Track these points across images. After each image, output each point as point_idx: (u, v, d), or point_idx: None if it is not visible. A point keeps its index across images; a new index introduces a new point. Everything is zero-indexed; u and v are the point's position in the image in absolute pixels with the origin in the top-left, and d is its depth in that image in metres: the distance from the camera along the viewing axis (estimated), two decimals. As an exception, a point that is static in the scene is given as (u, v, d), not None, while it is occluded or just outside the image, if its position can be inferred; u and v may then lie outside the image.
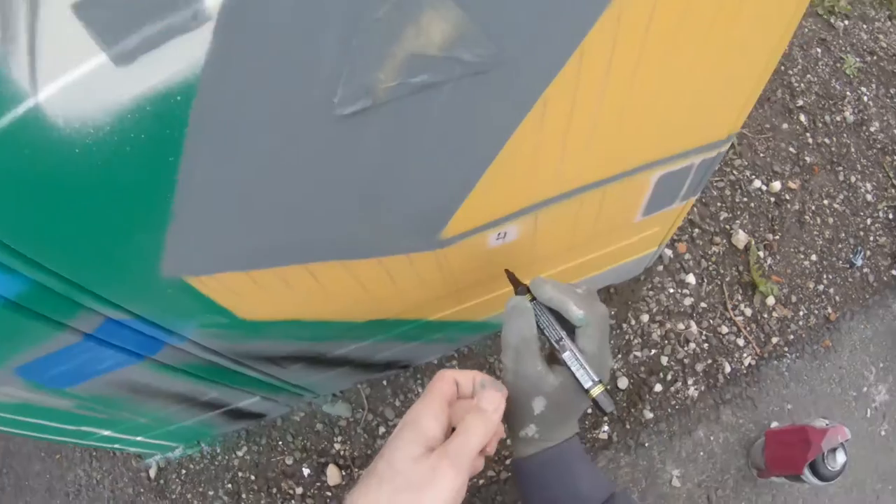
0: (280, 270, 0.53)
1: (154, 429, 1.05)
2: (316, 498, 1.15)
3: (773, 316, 1.22)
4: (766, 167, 1.40)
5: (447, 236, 0.55)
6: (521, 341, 0.47)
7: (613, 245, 0.83)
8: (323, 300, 0.62)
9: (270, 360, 0.82)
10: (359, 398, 1.17)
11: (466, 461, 0.40)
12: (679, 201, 0.81)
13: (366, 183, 0.44)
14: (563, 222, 0.64)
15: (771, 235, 1.31)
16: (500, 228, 0.58)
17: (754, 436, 1.10)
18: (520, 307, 0.49)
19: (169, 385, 0.78)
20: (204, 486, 1.20)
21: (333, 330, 0.73)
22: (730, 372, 1.13)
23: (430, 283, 0.66)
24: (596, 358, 0.47)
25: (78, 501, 1.22)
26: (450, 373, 0.47)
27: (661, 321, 1.14)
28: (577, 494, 0.48)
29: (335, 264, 0.54)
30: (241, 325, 0.64)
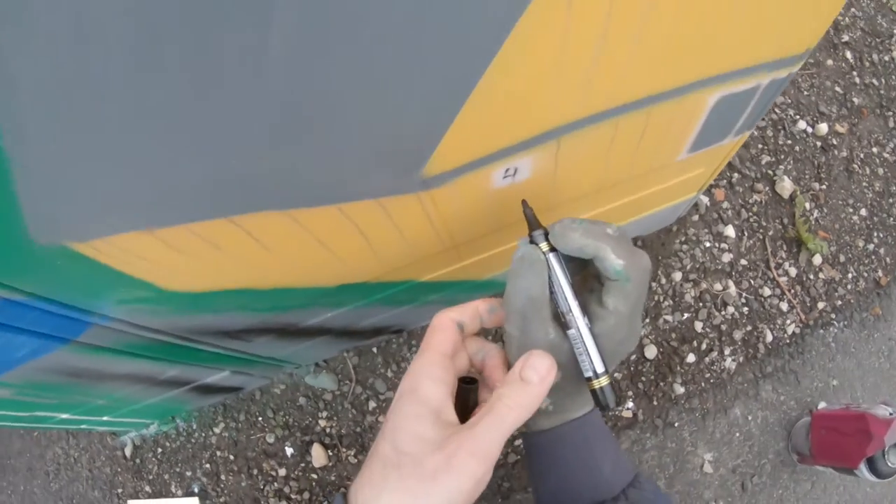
0: (197, 228, 0.38)
1: (116, 409, 0.94)
2: (300, 480, 1.04)
3: (819, 277, 1.07)
4: (812, 107, 1.24)
5: (433, 173, 0.39)
6: (527, 303, 0.38)
7: (649, 189, 0.67)
8: (272, 264, 0.47)
9: (228, 335, 0.68)
10: (345, 368, 1.04)
11: (495, 447, 0.33)
12: (732, 135, 0.65)
13: (301, 85, 0.28)
14: (593, 156, 0.48)
15: (817, 185, 1.15)
16: (508, 163, 0.41)
17: (795, 415, 0.96)
18: (529, 260, 0.38)
19: (114, 367, 0.70)
20: (181, 467, 1.10)
21: (297, 298, 0.58)
22: (771, 341, 0.99)
23: (416, 238, 0.50)
24: (624, 323, 0.39)
25: (58, 481, 1.18)
26: (447, 316, 0.39)
27: (695, 280, 0.99)
28: (597, 477, 0.42)
29: (276, 216, 0.39)
30: (173, 298, 0.50)
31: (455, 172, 0.40)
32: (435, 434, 0.34)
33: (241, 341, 0.72)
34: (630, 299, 0.38)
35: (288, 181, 0.35)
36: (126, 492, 1.14)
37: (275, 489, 1.06)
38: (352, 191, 0.38)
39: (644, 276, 0.38)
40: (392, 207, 0.42)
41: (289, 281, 0.52)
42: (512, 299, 0.38)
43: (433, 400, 0.35)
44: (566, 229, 0.37)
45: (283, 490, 1.06)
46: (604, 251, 0.36)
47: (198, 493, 1.11)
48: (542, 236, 0.39)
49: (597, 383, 0.38)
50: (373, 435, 1.03)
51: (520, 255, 0.38)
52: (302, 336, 0.77)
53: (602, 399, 0.39)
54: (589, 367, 0.38)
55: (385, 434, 0.35)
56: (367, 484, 0.34)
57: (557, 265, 0.38)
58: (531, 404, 0.35)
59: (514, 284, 0.38)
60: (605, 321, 0.38)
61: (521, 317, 0.38)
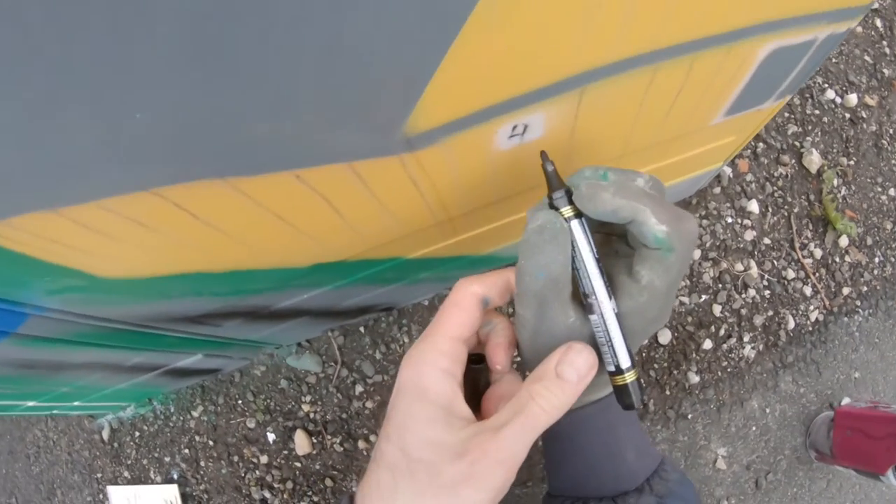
0: (112, 204, 0.29)
1: (84, 395, 0.88)
2: (283, 468, 0.98)
3: (845, 261, 0.99)
4: (840, 76, 1.15)
5: (418, 130, 0.30)
6: (547, 284, 0.31)
7: (674, 157, 0.58)
8: (223, 244, 0.38)
9: (191, 321, 0.59)
10: (330, 349, 0.96)
11: (523, 452, 0.29)
12: (773, 99, 0.57)
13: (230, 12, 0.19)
14: (621, 114, 0.39)
15: (845, 160, 1.06)
16: (516, 118, 0.32)
17: (815, 409, 0.89)
18: (551, 230, 0.30)
19: (69, 357, 0.64)
20: (160, 452, 1.04)
21: (263, 281, 0.50)
22: (793, 328, 0.91)
23: (401, 211, 0.42)
24: (659, 300, 0.32)
25: (38, 464, 1.15)
26: (470, 289, 0.33)
27: (715, 259, 0.90)
28: (619, 465, 0.38)
29: (214, 187, 0.30)
30: (112, 286, 0.43)
31: (447, 129, 0.31)
32: (450, 437, 0.29)
33: (208, 326, 0.64)
34: (671, 273, 0.31)
35: (222, 140, 0.26)
36: (105, 477, 1.10)
37: (256, 477, 1.00)
38: (312, 153, 0.29)
39: (690, 245, 0.31)
40: (368, 173, 0.33)
41: (249, 262, 0.44)
42: (527, 279, 0.31)
43: (443, 397, 0.30)
44: (595, 189, 0.30)
45: (265, 478, 0.99)
46: (643, 214, 0.29)
47: (177, 479, 1.05)
48: (565, 199, 0.31)
49: (621, 379, 0.32)
50: (360, 422, 0.96)
51: (539, 223, 0.30)
52: (276, 318, 0.69)
53: (627, 398, 0.33)
54: (611, 361, 0.32)
55: (390, 435, 0.30)
56: (376, 493, 0.30)
57: (583, 236, 0.31)
58: (566, 405, 0.30)
59: (531, 261, 0.31)
60: (634, 298, 0.31)
61: (538, 300, 0.31)
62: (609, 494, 0.38)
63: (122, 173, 0.27)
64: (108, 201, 0.29)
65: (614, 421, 0.39)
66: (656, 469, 0.39)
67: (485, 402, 0.35)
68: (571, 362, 0.30)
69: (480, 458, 0.28)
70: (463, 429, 0.29)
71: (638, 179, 0.31)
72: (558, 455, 0.41)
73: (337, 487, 0.97)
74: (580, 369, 0.30)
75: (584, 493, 0.39)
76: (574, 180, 0.32)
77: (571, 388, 0.30)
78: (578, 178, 0.31)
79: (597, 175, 0.31)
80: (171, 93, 0.22)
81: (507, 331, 0.35)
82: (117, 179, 0.28)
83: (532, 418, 0.29)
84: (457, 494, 0.28)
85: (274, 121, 0.26)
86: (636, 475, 0.38)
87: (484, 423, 0.30)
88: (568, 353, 0.31)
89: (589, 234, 0.31)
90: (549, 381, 0.30)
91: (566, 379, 0.30)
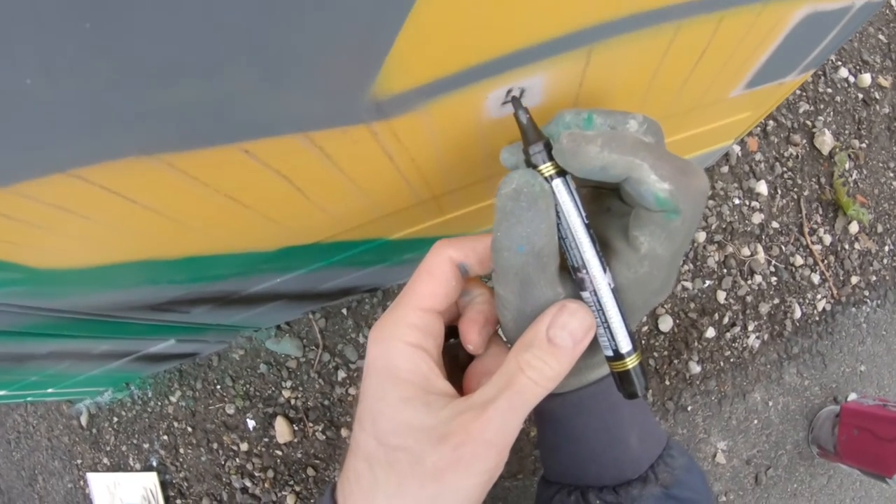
0: (27, 189, 0.24)
1: (56, 383, 0.84)
2: (264, 457, 0.94)
3: (854, 248, 0.94)
4: (854, 54, 1.10)
5: (389, 92, 0.24)
6: (529, 260, 0.26)
7: (685, 132, 0.53)
8: (169, 229, 0.33)
9: (154, 308, 0.54)
10: (311, 332, 0.91)
11: (514, 430, 0.25)
12: (797, 72, 0.51)
13: None
14: (635, 78, 0.33)
15: (857, 143, 1.01)
16: (510, 80, 0.27)
17: (818, 403, 0.86)
18: (529, 194, 0.25)
19: (29, 349, 0.60)
20: (138, 438, 1.01)
21: (225, 267, 0.45)
22: (800, 318, 0.87)
23: (376, 189, 0.36)
24: (662, 269, 0.27)
25: (19, 450, 1.13)
26: (445, 254, 0.28)
27: (720, 243, 0.85)
28: (622, 451, 0.35)
29: (144, 165, 0.24)
30: (55, 277, 0.38)
31: (426, 92, 0.25)
32: (429, 419, 0.26)
33: (175, 313, 0.59)
34: (675, 239, 0.26)
35: (138, 107, 0.21)
36: (85, 463, 1.07)
37: (236, 465, 0.96)
38: (258, 121, 0.24)
39: (699, 205, 0.26)
40: (332, 146, 0.27)
41: (206, 248, 0.38)
42: (505, 255, 0.26)
43: (416, 374, 0.27)
44: (578, 141, 0.24)
45: (246, 467, 0.95)
46: (639, 170, 0.24)
47: (156, 467, 1.01)
48: (545, 154, 0.26)
49: (620, 365, 0.28)
50: (342, 409, 0.91)
51: (513, 187, 0.25)
52: (249, 303, 0.64)
53: (629, 385, 0.28)
54: (609, 344, 0.27)
55: (363, 423, 0.27)
56: (356, 487, 0.27)
57: (569, 198, 0.26)
58: (560, 374, 0.26)
59: (509, 233, 0.25)
60: (633, 269, 0.27)
61: (519, 278, 0.26)
62: (610, 483, 0.35)
63: (26, 153, 0.22)
64: (23, 187, 0.24)
65: (617, 403, 0.35)
66: (661, 454, 0.36)
67: (466, 380, 0.30)
68: (564, 325, 0.26)
69: (465, 440, 0.24)
70: (443, 408, 0.26)
71: (630, 122, 0.26)
72: (554, 440, 0.37)
73: (319, 477, 0.93)
74: (575, 333, 0.26)
75: (583, 481, 0.36)
76: (552, 129, 0.26)
77: (566, 356, 0.26)
78: (557, 125, 0.26)
79: (579, 120, 0.26)
80: (62, 47, 0.17)
81: (485, 305, 0.30)
82: (23, 160, 0.22)
83: (522, 392, 0.25)
84: (442, 482, 0.24)
85: (199, 81, 0.20)
86: (639, 461, 0.35)
87: (467, 399, 0.26)
88: (560, 315, 0.26)
89: (576, 194, 0.26)
90: (540, 348, 0.26)
91: (559, 345, 0.26)
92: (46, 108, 0.20)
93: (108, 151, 0.23)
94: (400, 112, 0.26)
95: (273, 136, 0.25)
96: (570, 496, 0.37)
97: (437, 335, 0.28)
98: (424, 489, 0.25)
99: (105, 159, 0.24)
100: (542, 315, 0.27)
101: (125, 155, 0.24)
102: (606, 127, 0.26)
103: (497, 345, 0.31)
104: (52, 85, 0.18)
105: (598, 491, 0.35)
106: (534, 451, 0.85)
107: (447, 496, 0.25)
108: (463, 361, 0.32)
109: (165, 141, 0.24)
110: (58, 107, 0.20)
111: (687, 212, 0.25)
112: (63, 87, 0.19)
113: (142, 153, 0.24)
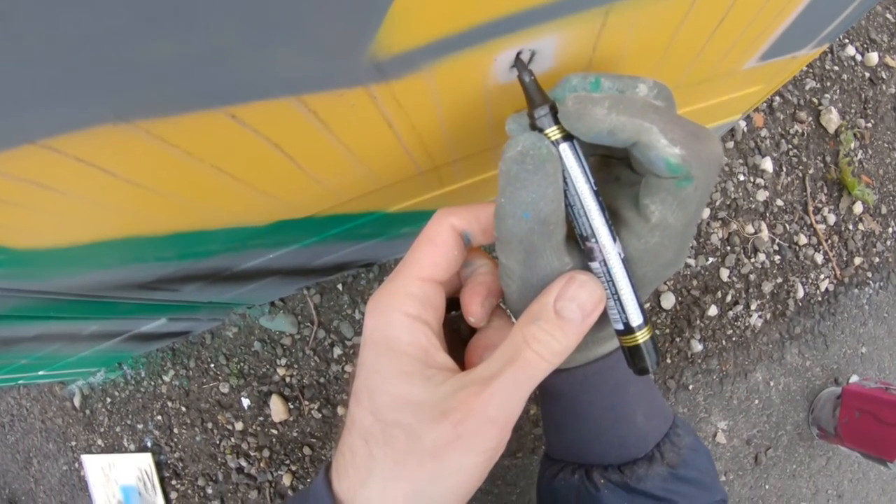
0: (1, 164, 0.22)
1: (47, 365, 0.82)
2: (259, 436, 0.93)
3: (858, 229, 0.93)
4: (862, 32, 1.09)
5: (390, 52, 0.22)
6: (535, 228, 0.24)
7: (698, 103, 0.52)
8: (154, 204, 0.31)
9: (142, 287, 0.52)
10: (306, 309, 0.90)
11: (518, 406, 0.24)
12: (812, 45, 0.50)
13: None
14: (651, 43, 0.31)
15: (863, 122, 0.99)
16: (521, 41, 0.25)
17: (819, 384, 0.85)
18: (536, 158, 0.24)
19: (13, 332, 0.59)
20: (132, 419, 1.00)
21: (215, 242, 0.43)
22: (802, 298, 0.86)
23: (373, 158, 0.34)
24: (675, 240, 0.26)
25: (13, 433, 1.12)
26: (447, 221, 0.27)
27: (724, 220, 0.84)
28: (627, 429, 0.34)
29: (121, 132, 0.22)
30: (36, 258, 0.36)
31: (430, 52, 0.23)
32: (429, 394, 0.24)
33: (164, 291, 0.57)
34: (688, 208, 0.25)
35: (109, 67, 0.18)
36: (79, 445, 1.06)
37: (231, 444, 0.95)
38: (244, 83, 0.21)
39: (713, 172, 0.25)
40: (325, 110, 0.25)
41: (194, 223, 0.36)
42: (510, 222, 0.25)
43: (415, 346, 0.26)
44: (585, 104, 0.23)
45: (241, 446, 0.95)
46: (649, 134, 0.23)
47: (151, 447, 1.00)
48: (550, 118, 0.24)
49: (631, 339, 0.27)
50: (339, 387, 0.90)
51: (519, 149, 0.23)
52: (241, 280, 0.62)
53: (640, 361, 0.27)
54: (620, 317, 0.26)
55: (359, 397, 0.26)
56: (351, 465, 0.26)
57: (576, 163, 0.24)
58: (568, 349, 0.25)
59: (513, 199, 0.24)
60: (644, 239, 0.25)
61: (524, 247, 0.25)
62: (615, 462, 0.35)
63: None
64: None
65: (624, 380, 0.34)
66: (668, 432, 0.35)
67: (468, 354, 0.29)
68: (573, 297, 0.25)
69: (467, 416, 0.23)
70: (443, 383, 0.25)
71: (640, 86, 0.25)
72: (558, 417, 0.36)
73: (316, 456, 0.93)
74: (585, 305, 0.25)
75: (588, 459, 0.36)
76: (558, 92, 0.25)
77: (574, 329, 0.25)
78: (563, 88, 0.25)
79: (586, 84, 0.24)
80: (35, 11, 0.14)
81: (488, 277, 0.29)
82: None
83: (527, 367, 0.24)
84: (442, 461, 0.23)
85: (177, 35, 0.18)
86: (646, 439, 0.34)
87: (469, 373, 0.25)
88: (569, 286, 0.25)
89: (583, 159, 0.24)
90: (547, 321, 0.24)
91: (567, 318, 0.24)
92: (8, 69, 0.17)
93: (81, 118, 0.21)
94: (401, 74, 0.24)
95: (262, 99, 0.23)
96: (574, 475, 0.36)
97: (437, 306, 0.27)
98: (423, 467, 0.24)
99: (78, 127, 0.22)
100: (550, 286, 0.25)
101: (99, 122, 0.22)
102: (615, 91, 0.24)
103: (500, 317, 0.30)
104: (13, 42, 0.16)
105: (602, 469, 0.35)
106: (533, 430, 0.85)
107: (447, 475, 0.24)
108: (464, 335, 0.30)
109: (142, 106, 0.22)
110: (21, 67, 0.17)
111: (700, 178, 0.24)
112: (26, 43, 0.16)
113: (117, 120, 0.22)
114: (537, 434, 0.84)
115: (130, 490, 1.01)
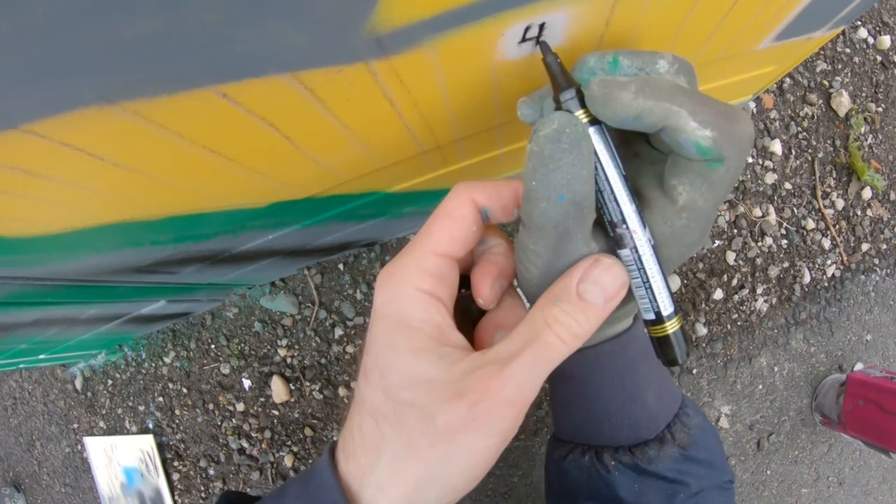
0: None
1: (47, 349, 0.82)
2: (260, 417, 0.93)
3: (866, 215, 0.92)
4: (874, 14, 1.07)
5: (391, 26, 0.21)
6: (570, 211, 0.23)
7: (710, 83, 0.50)
8: (147, 188, 0.30)
9: (139, 271, 0.52)
10: (307, 289, 0.89)
11: (535, 388, 0.23)
12: (828, 27, 0.48)
13: None
14: (666, 18, 0.30)
15: (874, 106, 0.97)
16: (530, 15, 0.23)
17: (823, 370, 0.85)
18: (571, 137, 0.22)
19: (12, 319, 0.58)
20: (133, 400, 1.00)
21: (212, 225, 0.42)
22: (809, 283, 0.85)
23: (374, 137, 0.33)
24: (700, 222, 0.25)
25: (16, 416, 1.14)
26: (467, 195, 0.26)
27: (731, 202, 0.82)
28: (638, 409, 0.34)
29: (106, 114, 0.21)
30: (28, 245, 0.35)
31: (433, 25, 0.22)
32: (443, 372, 0.24)
33: (162, 274, 0.56)
34: (717, 190, 0.24)
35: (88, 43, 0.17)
36: (82, 427, 1.06)
37: (233, 426, 0.95)
38: (235, 59, 0.20)
39: (744, 152, 0.24)
40: (323, 88, 0.24)
41: (189, 206, 0.35)
42: (543, 206, 0.23)
43: (429, 323, 0.25)
44: (611, 88, 0.22)
45: (242, 427, 0.95)
46: (677, 118, 0.22)
47: (152, 429, 1.00)
48: (577, 101, 0.24)
49: (660, 329, 0.26)
50: (340, 367, 0.90)
51: (555, 127, 0.22)
52: (240, 261, 0.61)
53: (670, 351, 0.26)
54: (650, 306, 0.25)
55: (369, 374, 0.25)
56: (359, 445, 0.25)
57: (605, 148, 0.24)
58: (588, 333, 0.24)
59: (547, 180, 0.23)
60: (670, 222, 0.25)
61: (557, 231, 0.24)
62: (625, 443, 0.34)
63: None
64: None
65: (635, 360, 0.34)
66: (677, 412, 0.35)
67: (479, 333, 0.28)
68: (597, 280, 0.24)
69: (483, 397, 0.23)
70: (458, 362, 0.24)
71: (660, 62, 0.24)
72: (568, 397, 0.36)
73: (317, 437, 0.93)
74: (608, 290, 0.24)
75: (598, 440, 0.35)
76: (579, 75, 0.24)
77: (596, 313, 0.24)
78: (583, 70, 0.24)
79: (604, 63, 0.23)
80: None
81: (502, 257, 0.28)
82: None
83: (547, 349, 0.23)
84: (455, 442, 0.23)
85: (164, 9, 0.16)
86: (656, 420, 0.34)
87: (485, 353, 0.24)
88: (594, 269, 0.24)
89: (612, 143, 0.23)
90: (570, 303, 0.24)
91: (590, 301, 0.24)
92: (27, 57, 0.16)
93: (63, 100, 0.20)
94: (403, 49, 0.22)
95: (255, 76, 0.22)
96: (584, 456, 0.35)
97: (451, 284, 0.26)
98: (435, 449, 0.23)
99: (60, 111, 0.21)
100: (573, 268, 0.25)
101: (83, 104, 0.21)
102: (634, 69, 0.23)
103: (512, 296, 0.29)
104: None
105: (613, 451, 0.34)
106: (536, 412, 0.84)
107: (459, 457, 0.23)
108: (475, 315, 0.29)
109: (128, 85, 0.20)
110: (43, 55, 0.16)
111: (731, 160, 0.23)
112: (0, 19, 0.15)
113: (102, 101, 0.21)
114: (539, 416, 0.84)
115: (133, 471, 1.01)
